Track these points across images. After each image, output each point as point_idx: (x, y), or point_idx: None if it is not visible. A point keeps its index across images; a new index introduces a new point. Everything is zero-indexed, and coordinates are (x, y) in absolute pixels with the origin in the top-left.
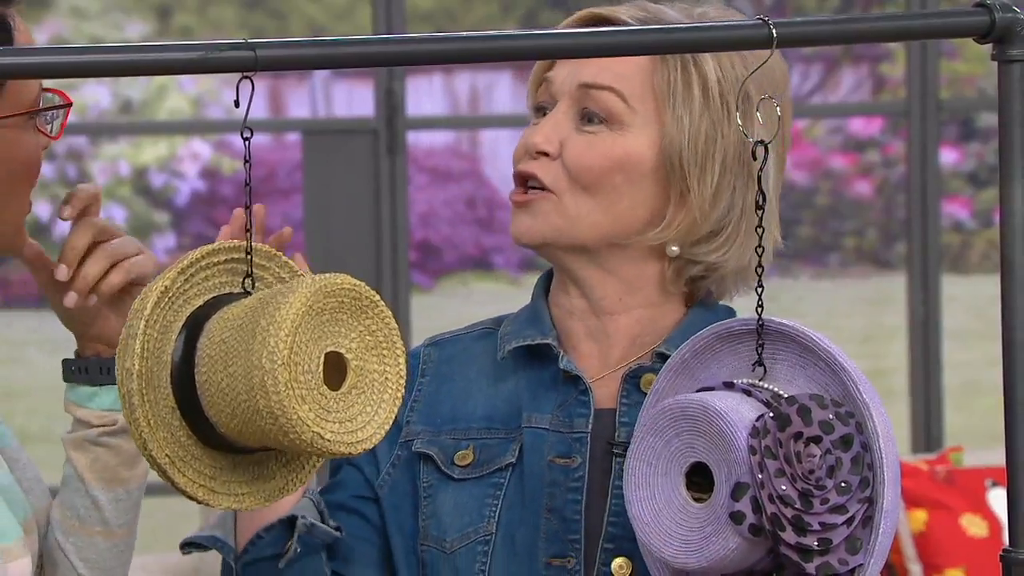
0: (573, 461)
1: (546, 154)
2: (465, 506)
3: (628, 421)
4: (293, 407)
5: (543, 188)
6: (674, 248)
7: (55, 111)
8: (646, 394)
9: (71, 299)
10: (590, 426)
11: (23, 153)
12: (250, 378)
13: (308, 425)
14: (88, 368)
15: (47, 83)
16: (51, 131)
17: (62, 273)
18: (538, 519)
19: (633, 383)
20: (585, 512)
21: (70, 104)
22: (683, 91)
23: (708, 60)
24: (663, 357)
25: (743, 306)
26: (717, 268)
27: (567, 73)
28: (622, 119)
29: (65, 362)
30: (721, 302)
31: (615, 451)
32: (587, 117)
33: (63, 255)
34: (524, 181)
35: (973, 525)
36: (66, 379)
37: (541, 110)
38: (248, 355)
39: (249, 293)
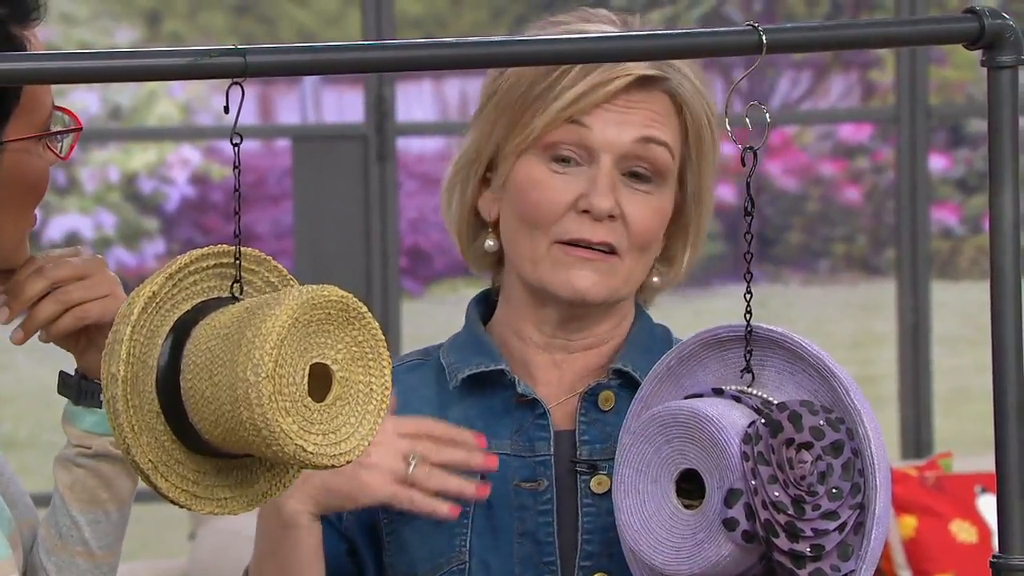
0: (540, 484)
1: (611, 217)
2: (433, 536)
3: (588, 439)
4: (276, 420)
5: (611, 251)
6: (656, 280)
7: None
8: (604, 411)
9: (17, 335)
10: (552, 448)
11: (32, 173)
12: (234, 389)
13: (291, 438)
14: (69, 385)
15: (58, 94)
16: (60, 150)
17: (2, 315)
18: (511, 544)
19: (591, 401)
20: (558, 534)
21: (80, 128)
22: (695, 145)
23: (701, 113)
24: (619, 373)
25: (732, 313)
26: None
27: (614, 126)
28: (668, 175)
29: (61, 374)
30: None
31: (579, 470)
32: (635, 174)
33: (10, 292)
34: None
35: (963, 531)
36: (58, 390)
37: (563, 160)
38: (233, 366)
39: (237, 298)
